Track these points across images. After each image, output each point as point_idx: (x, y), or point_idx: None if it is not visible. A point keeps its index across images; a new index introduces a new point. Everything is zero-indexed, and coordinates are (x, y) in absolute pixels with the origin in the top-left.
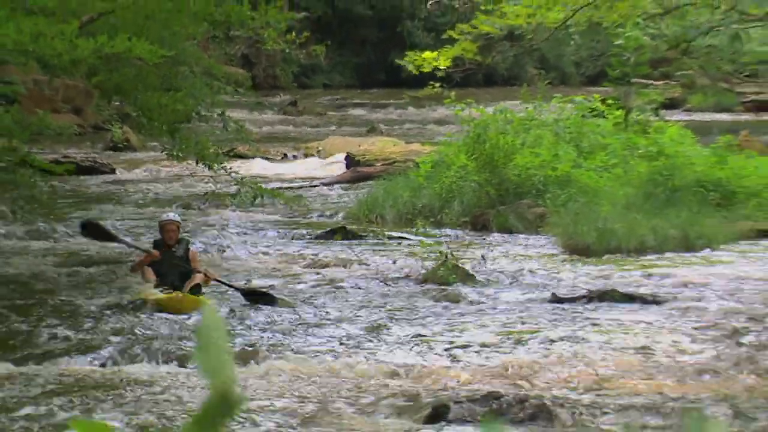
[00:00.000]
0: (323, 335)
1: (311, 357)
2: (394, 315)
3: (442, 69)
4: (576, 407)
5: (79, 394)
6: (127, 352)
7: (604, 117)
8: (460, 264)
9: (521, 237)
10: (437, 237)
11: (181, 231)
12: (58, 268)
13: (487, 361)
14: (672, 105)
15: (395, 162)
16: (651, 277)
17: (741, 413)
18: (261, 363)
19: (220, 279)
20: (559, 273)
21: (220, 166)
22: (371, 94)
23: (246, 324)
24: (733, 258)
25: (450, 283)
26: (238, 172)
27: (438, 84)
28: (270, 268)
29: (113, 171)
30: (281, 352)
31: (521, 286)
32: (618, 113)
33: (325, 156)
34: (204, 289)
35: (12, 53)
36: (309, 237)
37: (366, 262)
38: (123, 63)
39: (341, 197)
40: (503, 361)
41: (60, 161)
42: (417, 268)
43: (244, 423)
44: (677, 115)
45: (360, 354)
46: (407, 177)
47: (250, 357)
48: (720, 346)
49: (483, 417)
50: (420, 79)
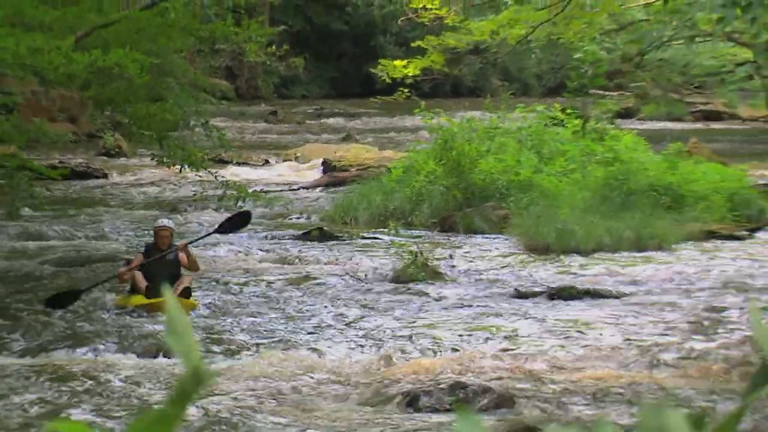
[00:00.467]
0: (301, 329)
1: (289, 349)
2: (367, 310)
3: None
4: (537, 396)
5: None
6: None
7: (563, 125)
8: (429, 263)
9: (486, 237)
10: (408, 237)
11: (174, 237)
12: (53, 266)
13: (455, 353)
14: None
15: (369, 167)
16: (607, 275)
17: (692, 401)
18: (242, 355)
19: (192, 241)
20: (522, 271)
21: (205, 171)
22: (347, 104)
23: (228, 320)
24: (683, 257)
25: (419, 281)
26: (223, 177)
27: (407, 90)
28: (251, 266)
29: (105, 175)
30: (261, 344)
31: (486, 283)
32: (576, 122)
33: (304, 162)
34: (194, 293)
35: (12, 67)
36: (288, 237)
37: (341, 260)
38: (114, 76)
39: (318, 200)
40: (469, 353)
41: (56, 166)
42: (389, 266)
43: (226, 411)
44: (631, 124)
45: (335, 346)
46: (380, 181)
47: (231, 350)
48: (671, 338)
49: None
50: (392, 89)
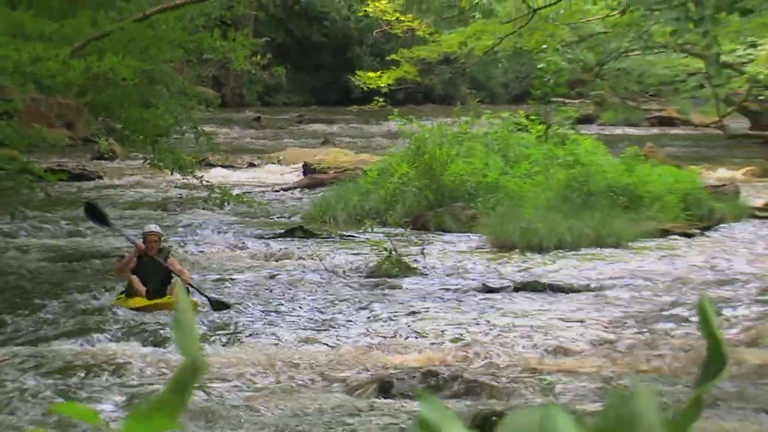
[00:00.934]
0: (282, 321)
1: (272, 340)
2: (344, 303)
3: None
4: (504, 383)
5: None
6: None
7: (527, 131)
8: (402, 259)
9: (455, 235)
10: (382, 235)
11: (162, 242)
12: (52, 262)
13: (426, 343)
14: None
15: (346, 170)
16: (568, 270)
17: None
18: (226, 346)
19: (192, 284)
20: (488, 266)
21: (193, 174)
22: (325, 111)
23: (214, 312)
24: (640, 254)
25: (393, 275)
26: (209, 180)
27: (382, 99)
28: (236, 262)
29: (100, 177)
30: (245, 335)
31: (455, 277)
32: (540, 127)
33: (286, 164)
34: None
35: (13, 75)
36: (270, 235)
37: (320, 257)
38: (109, 83)
39: (299, 200)
40: (440, 343)
41: (54, 169)
42: (365, 262)
43: (213, 398)
44: (591, 129)
45: (315, 337)
46: (356, 183)
47: (216, 341)
48: (629, 329)
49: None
50: (367, 98)
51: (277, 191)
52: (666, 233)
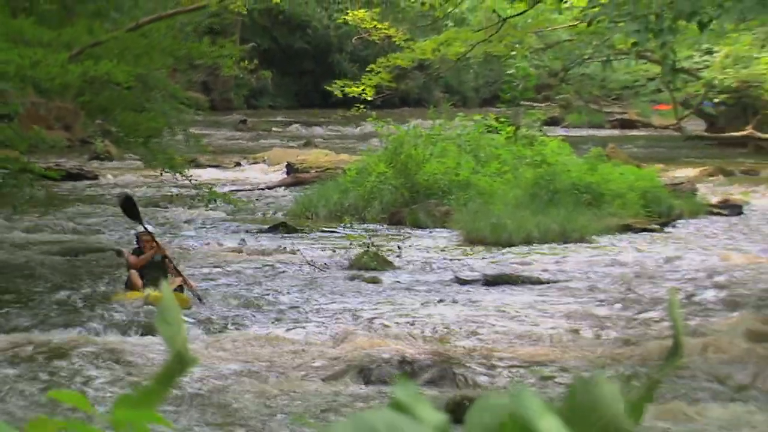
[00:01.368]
0: (267, 311)
1: (256, 329)
2: (325, 294)
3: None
4: (475, 370)
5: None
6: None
7: (497, 132)
8: (380, 253)
9: (430, 231)
10: (361, 230)
11: (154, 241)
12: (50, 255)
13: (402, 332)
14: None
15: (327, 169)
16: (535, 263)
17: (611, 374)
18: (213, 335)
19: (188, 283)
20: (461, 260)
21: (183, 173)
22: (308, 114)
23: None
24: (602, 247)
25: (371, 268)
26: (197, 179)
27: (362, 106)
28: (223, 256)
29: (96, 177)
30: (231, 325)
31: (430, 270)
32: (509, 129)
33: (270, 164)
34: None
35: (13, 79)
36: (256, 230)
37: (302, 251)
38: (104, 87)
39: (282, 198)
40: (415, 332)
41: (53, 168)
42: (345, 255)
43: (200, 384)
44: (557, 131)
45: (297, 326)
46: (336, 181)
47: (203, 330)
48: (592, 319)
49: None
50: (347, 101)
51: (262, 189)
52: (627, 228)
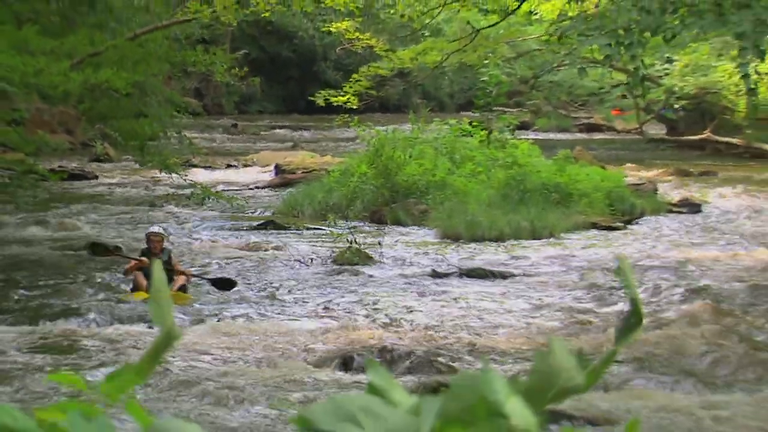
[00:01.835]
0: (255, 303)
1: (244, 320)
2: (310, 287)
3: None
4: (451, 358)
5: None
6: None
7: (472, 136)
8: (361, 249)
9: (409, 228)
10: (344, 228)
11: (164, 242)
12: (53, 250)
13: (383, 323)
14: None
15: (312, 170)
16: (507, 258)
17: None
18: (204, 324)
19: (195, 275)
20: (437, 255)
21: (178, 174)
22: (294, 118)
23: (194, 296)
24: (570, 244)
25: (354, 264)
26: (192, 180)
27: (346, 116)
28: (214, 251)
29: (96, 177)
30: (220, 316)
31: (408, 265)
32: (482, 133)
33: (259, 166)
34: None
35: (19, 86)
36: (246, 227)
37: (289, 247)
38: (104, 95)
39: (271, 197)
40: (395, 322)
41: (56, 170)
42: (328, 251)
43: (187, 372)
44: (527, 135)
45: (284, 317)
46: (321, 182)
47: (195, 320)
48: (561, 310)
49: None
50: (332, 107)
51: (252, 189)
52: (593, 226)
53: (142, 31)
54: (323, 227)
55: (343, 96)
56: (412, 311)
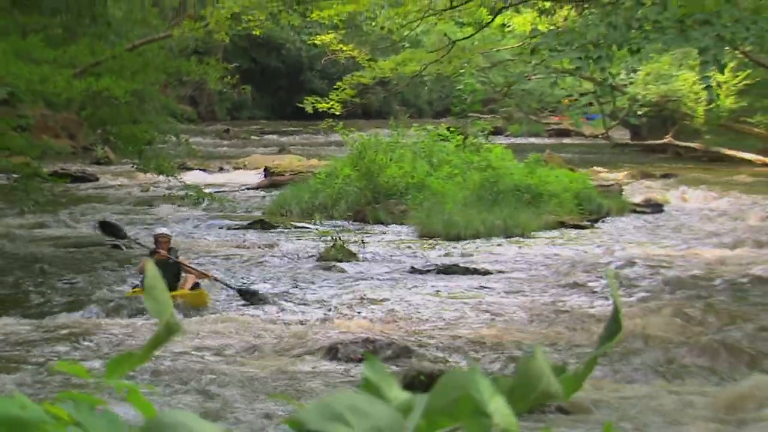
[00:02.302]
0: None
1: (235, 313)
2: (297, 282)
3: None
4: (429, 348)
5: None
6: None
7: (448, 141)
8: (345, 246)
9: (389, 227)
10: (329, 226)
11: (171, 243)
12: (56, 248)
13: (365, 315)
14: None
15: (299, 173)
16: (482, 255)
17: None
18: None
19: (218, 279)
20: (416, 252)
21: (173, 176)
22: (282, 124)
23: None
24: (541, 242)
25: (338, 260)
26: (185, 181)
27: (331, 121)
28: (208, 248)
29: (97, 179)
30: (213, 309)
31: (389, 261)
32: (458, 138)
33: (250, 168)
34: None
35: (24, 93)
36: (237, 226)
37: (278, 244)
38: (104, 102)
39: (260, 198)
40: (377, 315)
41: (59, 172)
42: (314, 248)
43: (181, 364)
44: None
45: (271, 310)
46: (308, 183)
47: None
48: (532, 304)
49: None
50: (317, 114)
51: (243, 191)
52: (563, 225)
53: (140, 42)
54: (310, 226)
55: (328, 103)
56: (392, 305)
